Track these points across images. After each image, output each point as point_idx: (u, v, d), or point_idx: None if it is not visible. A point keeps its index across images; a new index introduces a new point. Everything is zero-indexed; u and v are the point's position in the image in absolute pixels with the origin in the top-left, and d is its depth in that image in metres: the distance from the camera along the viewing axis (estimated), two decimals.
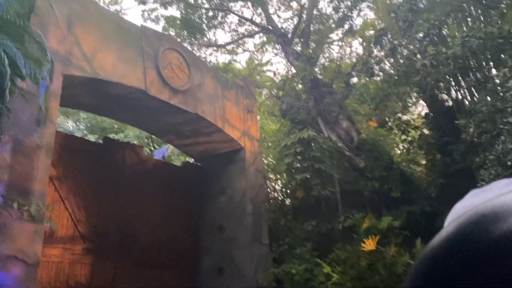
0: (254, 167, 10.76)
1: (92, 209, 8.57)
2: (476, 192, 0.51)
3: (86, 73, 7.43)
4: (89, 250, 8.32)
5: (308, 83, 11.49)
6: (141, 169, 9.79)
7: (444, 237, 0.40)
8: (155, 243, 9.64)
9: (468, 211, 0.40)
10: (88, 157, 8.75)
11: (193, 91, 9.47)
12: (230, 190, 10.58)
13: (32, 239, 5.98)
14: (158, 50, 8.84)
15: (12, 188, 5.88)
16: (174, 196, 10.36)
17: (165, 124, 9.98)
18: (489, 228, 0.37)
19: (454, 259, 0.37)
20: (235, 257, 9.87)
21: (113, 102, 8.84)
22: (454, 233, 0.39)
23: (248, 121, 11.09)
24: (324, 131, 11.24)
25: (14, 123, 6.12)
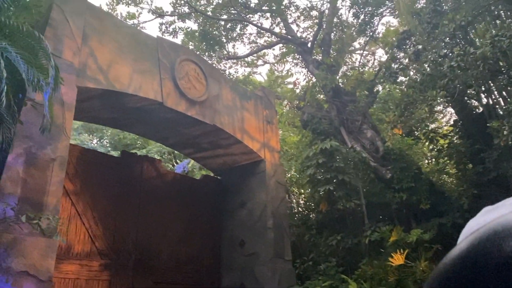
0: (275, 180, 10.43)
1: (110, 224, 8.41)
2: (489, 209, 0.51)
3: (101, 85, 7.34)
4: (106, 266, 8.13)
5: (329, 92, 11.17)
6: (160, 183, 9.61)
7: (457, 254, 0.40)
8: (175, 259, 9.39)
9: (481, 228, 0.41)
10: (105, 171, 8.63)
11: (210, 102, 9.28)
12: (251, 204, 10.27)
13: (44, 254, 5.81)
14: (175, 61, 8.72)
15: (25, 202, 5.75)
16: (194, 210, 10.12)
17: (183, 136, 9.81)
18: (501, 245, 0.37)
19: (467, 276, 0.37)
20: (256, 273, 9.49)
21: (130, 115, 8.73)
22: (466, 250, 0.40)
23: (268, 132, 10.81)
24: (347, 141, 10.86)
25: (27, 135, 6.03)
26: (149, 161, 9.61)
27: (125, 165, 9.02)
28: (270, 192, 10.17)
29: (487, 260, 0.37)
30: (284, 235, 10.07)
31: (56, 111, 6.47)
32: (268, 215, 9.90)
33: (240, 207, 10.46)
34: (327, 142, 10.16)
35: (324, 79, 10.57)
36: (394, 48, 8.48)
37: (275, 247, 9.66)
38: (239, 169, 10.74)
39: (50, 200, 6.08)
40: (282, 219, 10.22)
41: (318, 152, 10.23)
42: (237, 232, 10.26)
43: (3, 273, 5.33)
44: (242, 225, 10.23)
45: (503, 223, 0.39)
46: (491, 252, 0.37)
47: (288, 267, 9.78)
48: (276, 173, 10.58)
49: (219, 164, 10.93)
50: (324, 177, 10.13)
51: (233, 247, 10.22)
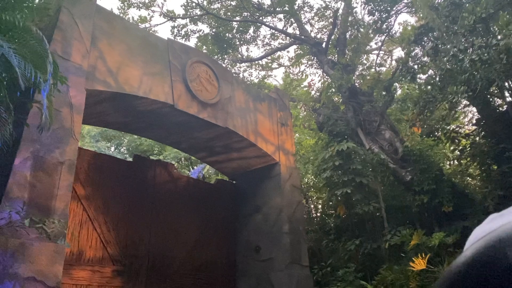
0: (290, 183, 10.17)
1: (122, 230, 8.28)
2: (495, 216, 0.51)
3: (111, 88, 7.25)
4: (119, 272, 7.99)
5: (345, 92, 10.88)
6: (173, 187, 9.46)
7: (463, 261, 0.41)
8: (189, 265, 9.20)
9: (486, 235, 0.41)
10: (118, 175, 8.53)
11: (222, 104, 9.11)
12: (266, 208, 10.02)
13: (52, 260, 5.68)
14: (186, 64, 8.59)
15: (32, 206, 5.65)
16: (208, 215, 9.93)
17: (196, 140, 9.66)
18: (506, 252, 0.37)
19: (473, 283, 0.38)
20: (273, 279, 9.22)
21: (142, 119, 8.63)
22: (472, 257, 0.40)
23: (283, 135, 10.57)
24: (365, 142, 10.52)
25: (34, 139, 5.95)
26: (162, 165, 9.48)
27: (137, 170, 8.91)
28: (285, 196, 9.91)
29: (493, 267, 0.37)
30: (301, 240, 9.78)
31: (64, 114, 6.39)
32: (284, 220, 9.63)
33: (255, 211, 10.23)
34: (344, 143, 9.86)
35: (339, 79, 10.29)
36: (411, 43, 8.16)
37: (292, 252, 9.37)
38: (253, 173, 10.52)
39: (58, 205, 5.97)
40: (299, 224, 9.93)
41: (334, 154, 9.93)
42: (253, 237, 10.02)
43: (10, 279, 5.22)
44: (258, 230, 9.99)
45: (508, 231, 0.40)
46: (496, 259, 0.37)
47: (306, 273, 9.47)
48: (291, 177, 10.31)
49: (233, 168, 10.74)
50: (341, 179, 9.81)
51: (248, 253, 9.98)
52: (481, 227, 0.52)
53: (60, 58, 6.61)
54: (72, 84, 6.63)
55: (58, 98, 6.37)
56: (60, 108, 6.36)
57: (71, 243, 7.49)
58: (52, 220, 5.41)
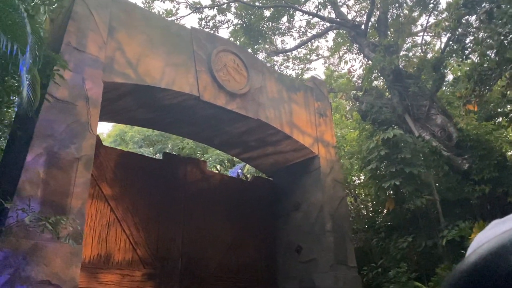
0: (331, 178, 9.36)
1: (152, 231, 7.86)
2: (498, 222, 0.52)
3: (130, 80, 6.85)
4: (150, 276, 7.56)
5: (389, 76, 9.93)
6: (206, 185, 8.96)
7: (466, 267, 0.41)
8: (225, 268, 8.63)
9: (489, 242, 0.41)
10: (146, 174, 8.14)
11: (253, 94, 8.51)
12: (306, 205, 9.27)
13: (68, 262, 5.30)
14: (211, 53, 8.09)
15: (46, 205, 5.31)
16: (244, 214, 9.34)
17: (228, 135, 9.11)
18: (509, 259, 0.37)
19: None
20: (316, 281, 8.45)
21: (168, 114, 8.21)
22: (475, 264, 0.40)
23: (321, 126, 9.79)
24: (414, 129, 9.52)
25: (47, 134, 5.62)
26: (193, 162, 9.01)
27: (167, 168, 8.48)
28: (326, 191, 9.12)
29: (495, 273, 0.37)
30: (346, 239, 8.93)
31: (80, 107, 6.05)
32: (326, 217, 8.84)
33: (294, 209, 9.51)
34: (390, 131, 8.93)
35: (381, 62, 9.37)
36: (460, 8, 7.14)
37: (336, 252, 8.56)
38: (291, 168, 9.82)
39: (75, 203, 5.60)
40: (343, 221, 9.10)
41: (380, 143, 9.02)
42: (293, 237, 9.30)
43: (22, 283, 4.87)
44: (298, 229, 9.26)
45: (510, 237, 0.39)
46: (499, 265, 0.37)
47: (353, 274, 8.62)
48: (332, 170, 9.50)
49: (270, 164, 10.09)
50: (389, 170, 8.87)
51: (289, 254, 9.26)
52: (484, 233, 0.52)
53: (75, 50, 6.31)
54: (88, 77, 6.29)
55: (73, 91, 6.05)
56: (75, 101, 6.02)
57: (98, 245, 7.16)
58: (68, 219, 5.01)
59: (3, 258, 4.83)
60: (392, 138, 8.93)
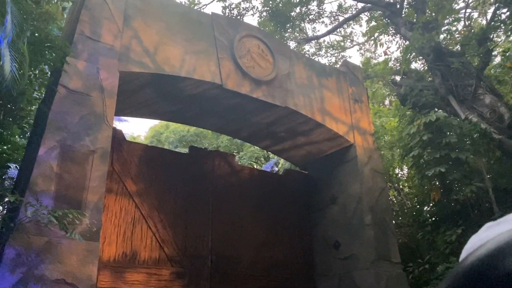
0: (370, 167, 8.68)
1: (180, 228, 7.51)
2: (491, 225, 0.52)
3: (148, 69, 6.54)
4: (178, 274, 7.21)
5: (429, 55, 9.13)
6: (235, 180, 8.53)
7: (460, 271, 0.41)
8: (259, 266, 8.16)
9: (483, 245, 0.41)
10: (172, 169, 7.81)
11: (280, 81, 8.00)
12: (343, 198, 8.65)
13: (84, 260, 5.01)
14: (234, 39, 7.66)
15: (60, 200, 5.05)
16: (278, 209, 8.83)
17: (255, 126, 8.64)
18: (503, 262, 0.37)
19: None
20: (357, 279, 7.82)
21: (191, 105, 7.85)
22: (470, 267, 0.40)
23: (357, 112, 9.13)
24: (459, 111, 8.68)
25: (60, 126, 5.38)
26: (221, 156, 8.61)
27: (194, 162, 8.13)
28: (365, 182, 8.46)
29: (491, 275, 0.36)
30: (388, 233, 8.23)
31: (95, 98, 5.78)
32: (365, 210, 8.18)
33: (331, 202, 8.90)
34: (432, 114, 8.17)
35: (420, 40, 8.60)
36: None
37: (377, 247, 7.88)
38: (326, 159, 9.22)
39: (91, 198, 5.32)
40: (384, 214, 8.39)
41: (422, 128, 8.28)
42: (330, 232, 8.70)
43: (36, 282, 4.62)
44: (335, 224, 8.65)
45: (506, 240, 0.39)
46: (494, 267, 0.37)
47: (397, 271, 7.91)
48: (371, 160, 8.81)
49: (302, 156, 9.53)
50: (433, 157, 8.12)
51: (327, 250, 8.67)
52: (478, 235, 0.52)
53: (88, 39, 6.06)
54: (103, 66, 6.03)
55: (87, 81, 5.79)
56: (89, 92, 5.76)
57: (123, 243, 6.89)
58: (78, 213, 4.72)
59: (15, 256, 4.59)
60: (435, 121, 8.18)
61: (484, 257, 0.39)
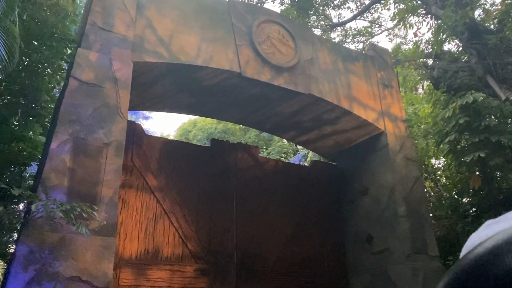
0: (402, 156, 8.15)
1: (203, 223, 7.26)
2: (491, 222, 0.53)
3: (163, 59, 6.31)
4: (203, 271, 6.96)
5: (463, 33, 8.49)
6: (259, 173, 8.20)
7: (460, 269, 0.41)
8: (287, 262, 7.81)
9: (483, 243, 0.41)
10: (194, 163, 7.57)
11: (302, 67, 7.61)
12: (374, 189, 8.17)
13: (100, 256, 4.82)
14: (252, 25, 7.33)
15: (73, 195, 4.87)
16: (305, 203, 8.45)
17: (279, 116, 8.29)
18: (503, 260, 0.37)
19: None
20: (391, 274, 7.34)
21: (210, 97, 7.58)
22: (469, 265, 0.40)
23: (387, 98, 8.62)
24: (499, 92, 8.02)
25: (72, 119, 5.21)
26: (244, 149, 8.30)
27: (216, 155, 7.86)
28: (397, 171, 7.95)
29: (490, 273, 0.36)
30: (424, 225, 7.69)
31: (108, 90, 5.59)
32: (399, 201, 7.68)
33: (362, 194, 8.43)
34: (469, 95, 7.57)
35: (452, 17, 7.99)
36: None
37: (413, 240, 7.37)
38: (355, 149, 8.75)
39: (105, 192, 5.12)
40: (419, 204, 7.85)
41: (458, 111, 7.69)
42: (362, 226, 8.24)
43: (49, 279, 4.45)
44: (367, 217, 8.18)
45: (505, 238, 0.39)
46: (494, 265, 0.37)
47: (435, 265, 7.37)
48: (403, 148, 8.29)
49: (330, 146, 9.09)
50: (471, 141, 7.52)
51: (359, 244, 8.22)
52: (477, 233, 0.53)
53: (100, 29, 5.88)
54: (116, 57, 5.83)
55: (99, 72, 5.61)
56: (102, 83, 5.57)
57: (145, 240, 6.70)
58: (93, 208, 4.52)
59: (28, 253, 4.44)
60: (472, 103, 7.58)
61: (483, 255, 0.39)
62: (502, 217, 0.51)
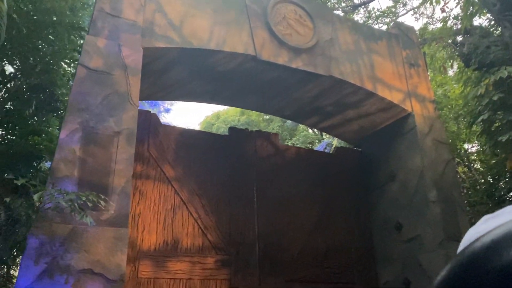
0: (432, 138, 7.68)
1: (223, 213, 7.04)
2: (489, 217, 0.53)
3: (174, 44, 6.08)
4: (224, 262, 6.75)
5: (495, 5, 7.90)
6: (280, 161, 7.90)
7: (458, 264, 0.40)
8: (311, 252, 7.51)
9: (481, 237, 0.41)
10: (212, 152, 7.35)
11: (322, 48, 7.24)
12: (402, 174, 7.74)
13: (112, 248, 4.66)
14: (267, 5, 7.01)
15: (84, 185, 4.72)
16: (330, 191, 8.10)
17: (299, 102, 7.95)
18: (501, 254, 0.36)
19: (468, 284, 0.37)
20: (423, 263, 6.93)
21: (226, 84, 7.32)
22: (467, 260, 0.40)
23: (413, 78, 8.14)
24: None
25: (81, 108, 5.05)
26: (263, 136, 8.01)
27: (234, 144, 7.61)
28: (427, 154, 7.49)
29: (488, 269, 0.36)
30: (457, 210, 7.22)
31: (117, 77, 5.41)
32: (429, 185, 7.24)
33: (389, 180, 8.02)
34: (503, 70, 7.01)
35: None
36: None
37: (445, 226, 6.93)
38: (381, 133, 8.33)
39: (117, 182, 4.95)
40: (451, 189, 7.39)
41: (491, 88, 7.15)
42: (391, 213, 7.83)
43: (61, 273, 4.31)
44: (395, 203, 7.76)
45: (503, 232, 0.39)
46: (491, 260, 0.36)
47: None
48: (432, 129, 7.81)
49: (354, 132, 8.69)
50: (506, 120, 6.98)
51: (388, 232, 7.82)
52: (475, 228, 0.53)
53: (108, 15, 5.71)
54: (125, 43, 5.64)
55: (108, 59, 5.43)
56: (111, 71, 5.40)
57: (164, 231, 6.53)
58: (100, 196, 4.35)
59: (39, 245, 4.31)
60: (507, 79, 7.02)
61: (481, 250, 0.38)
62: (500, 212, 0.49)
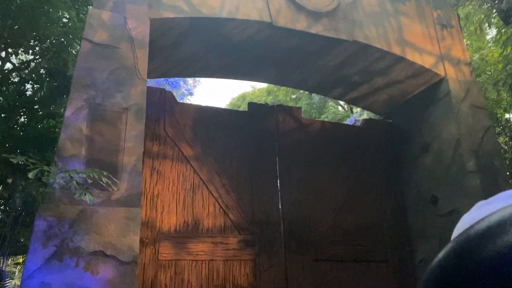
0: (468, 103, 7.06)
1: (245, 192, 6.73)
2: (482, 203, 0.52)
3: (183, 13, 5.73)
4: (247, 243, 6.47)
5: None
6: (303, 136, 7.49)
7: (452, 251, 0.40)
8: (340, 229, 7.12)
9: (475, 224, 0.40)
10: (231, 129, 7.02)
11: (344, 11, 6.71)
12: (436, 144, 7.17)
13: (124, 229, 4.44)
14: None
15: (93, 164, 4.50)
16: (358, 165, 7.64)
17: (323, 72, 7.47)
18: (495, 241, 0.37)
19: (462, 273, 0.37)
20: None
21: (242, 56, 6.93)
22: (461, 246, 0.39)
23: (446, 40, 7.48)
24: None
25: (87, 84, 4.81)
26: (285, 110, 7.59)
27: (255, 120, 7.25)
28: (463, 121, 6.89)
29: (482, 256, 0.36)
30: (499, 180, 6.63)
31: (123, 50, 5.13)
32: (466, 154, 6.66)
33: (423, 151, 7.46)
34: None
35: None
36: None
37: (486, 198, 6.21)
38: (412, 102, 7.75)
39: (127, 160, 4.71)
40: (492, 157, 6.78)
41: None
42: (425, 186, 7.30)
43: (71, 255, 4.13)
44: (430, 175, 7.23)
45: (498, 219, 0.39)
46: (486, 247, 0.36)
47: None
48: (469, 94, 7.17)
49: (384, 102, 8.14)
50: None
51: (423, 207, 7.30)
52: (469, 214, 0.51)
53: None
54: (131, 15, 5.35)
55: (113, 33, 5.15)
56: (117, 44, 5.12)
57: (184, 211, 6.30)
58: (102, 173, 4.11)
59: (47, 227, 4.14)
60: None
61: (475, 237, 0.38)
62: (495, 198, 0.49)
